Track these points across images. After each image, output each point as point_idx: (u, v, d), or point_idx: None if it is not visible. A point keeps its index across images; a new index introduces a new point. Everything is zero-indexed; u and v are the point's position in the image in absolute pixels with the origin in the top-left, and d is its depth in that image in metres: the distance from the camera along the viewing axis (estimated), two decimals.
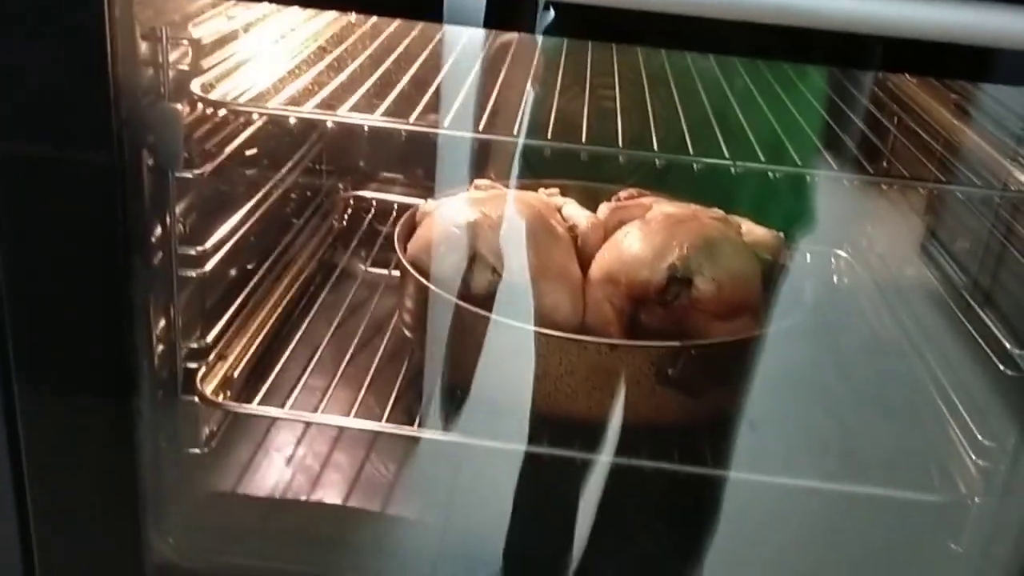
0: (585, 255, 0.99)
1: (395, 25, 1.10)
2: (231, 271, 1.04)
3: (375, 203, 1.37)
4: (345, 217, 1.37)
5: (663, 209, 1.03)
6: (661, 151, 0.89)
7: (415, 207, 1.09)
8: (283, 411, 0.94)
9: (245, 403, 0.94)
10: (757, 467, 0.86)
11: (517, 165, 1.09)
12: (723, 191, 1.02)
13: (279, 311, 1.12)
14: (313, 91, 0.90)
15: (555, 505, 0.88)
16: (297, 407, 0.94)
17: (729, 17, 0.62)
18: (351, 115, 0.86)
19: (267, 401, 0.95)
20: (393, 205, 1.35)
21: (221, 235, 0.91)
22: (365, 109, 0.88)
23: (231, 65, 0.90)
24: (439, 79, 0.95)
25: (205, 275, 0.88)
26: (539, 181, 1.12)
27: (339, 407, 0.95)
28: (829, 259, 1.25)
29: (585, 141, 0.88)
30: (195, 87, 0.83)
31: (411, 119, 0.86)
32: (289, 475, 0.94)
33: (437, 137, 0.88)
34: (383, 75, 0.98)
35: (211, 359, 0.94)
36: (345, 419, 0.93)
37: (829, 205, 1.00)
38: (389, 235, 1.13)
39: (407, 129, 0.85)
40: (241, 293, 1.04)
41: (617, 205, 1.05)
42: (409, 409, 0.96)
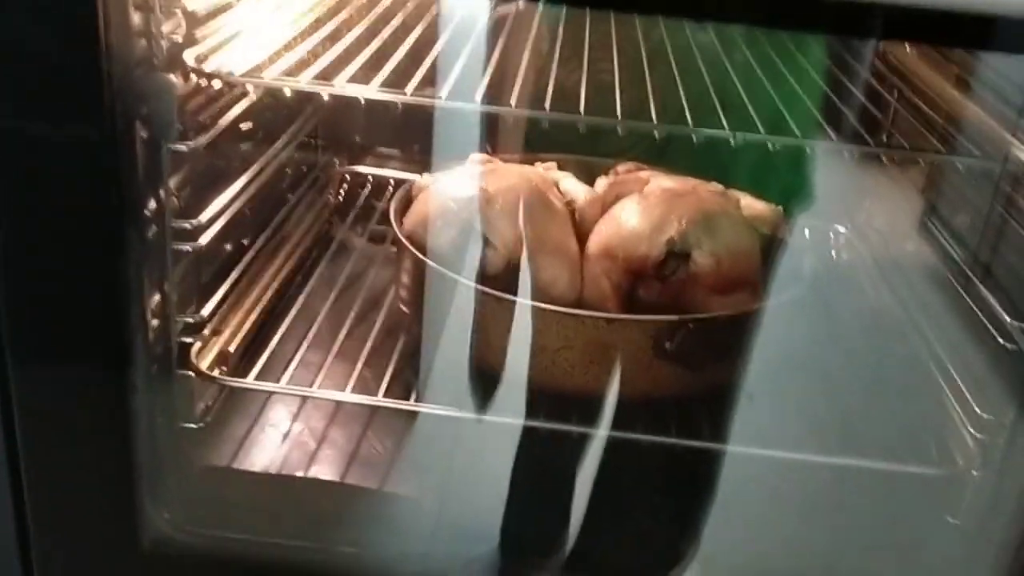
0: (583, 229, 0.99)
1: None
2: (226, 246, 1.03)
3: (371, 178, 1.36)
4: (341, 192, 1.36)
5: (661, 183, 1.02)
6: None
7: (411, 182, 1.08)
8: (279, 385, 0.93)
9: (241, 378, 0.93)
10: (754, 441, 0.86)
11: (514, 139, 1.08)
12: (722, 166, 1.02)
13: (275, 286, 1.11)
14: (308, 63, 0.89)
15: (553, 479, 0.88)
16: (293, 382, 0.94)
17: None
18: (347, 87, 0.85)
19: (263, 376, 0.94)
20: (389, 180, 1.34)
21: (216, 209, 0.90)
22: (361, 82, 0.87)
23: (225, 36, 0.89)
24: (435, 51, 0.94)
25: (200, 249, 0.87)
26: (536, 155, 1.11)
27: (336, 382, 0.94)
28: (828, 234, 1.24)
29: (584, 115, 0.87)
30: (189, 58, 0.82)
31: (408, 91, 0.86)
32: (285, 450, 0.94)
33: (434, 110, 0.87)
34: (380, 48, 0.97)
35: (207, 333, 0.94)
36: (341, 394, 0.93)
37: (828, 180, 0.99)
38: (385, 210, 1.12)
39: (404, 101, 0.84)
40: (236, 267, 1.03)
41: (615, 179, 1.05)
42: (406, 384, 0.95)
